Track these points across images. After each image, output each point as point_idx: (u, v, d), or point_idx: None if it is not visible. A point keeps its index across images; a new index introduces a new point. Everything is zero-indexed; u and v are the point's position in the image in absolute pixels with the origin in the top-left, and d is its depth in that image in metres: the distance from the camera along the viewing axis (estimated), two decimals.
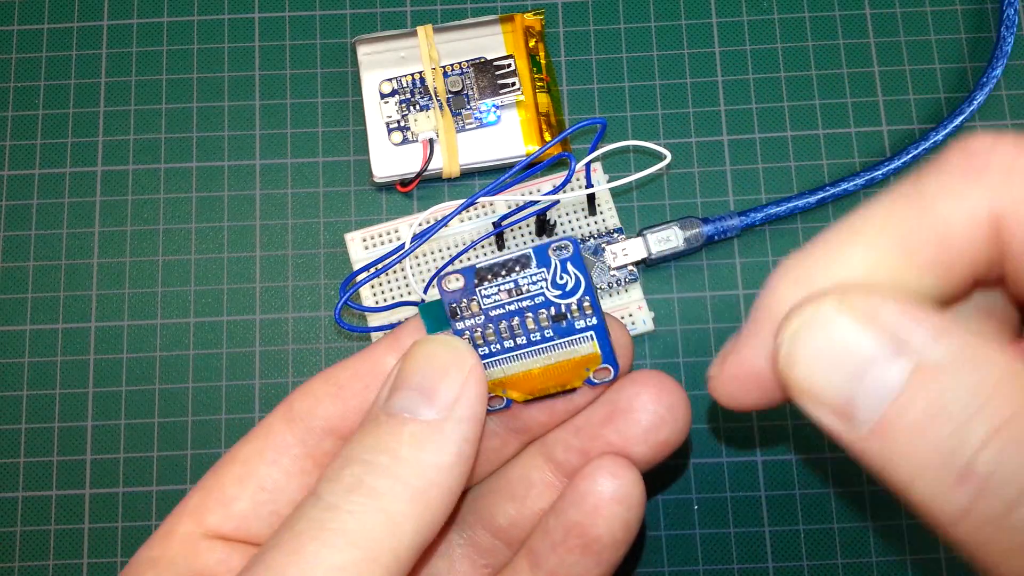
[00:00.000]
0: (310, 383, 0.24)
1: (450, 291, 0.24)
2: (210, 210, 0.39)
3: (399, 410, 0.21)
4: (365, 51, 0.39)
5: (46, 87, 0.40)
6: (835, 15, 0.41)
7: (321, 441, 0.24)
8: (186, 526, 0.23)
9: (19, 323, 0.38)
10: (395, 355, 0.24)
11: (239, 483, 0.23)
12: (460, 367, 0.22)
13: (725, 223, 0.37)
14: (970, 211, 0.17)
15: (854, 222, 0.18)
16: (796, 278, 0.18)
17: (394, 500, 0.20)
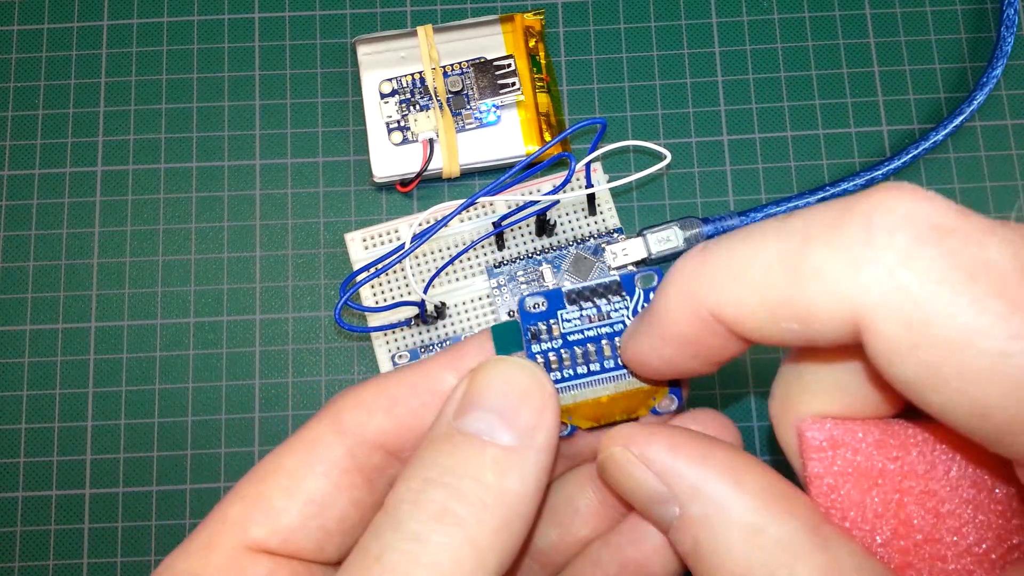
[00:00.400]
0: (360, 393, 0.23)
1: (534, 312, 0.24)
2: (210, 210, 0.39)
3: (475, 431, 0.21)
4: (365, 51, 0.39)
5: (46, 87, 0.40)
6: (835, 15, 0.41)
7: (371, 455, 0.23)
8: (229, 538, 0.22)
9: (19, 323, 0.38)
10: (454, 373, 0.23)
11: (287, 495, 0.22)
12: (540, 393, 0.21)
13: (725, 223, 0.37)
14: (836, 322, 0.17)
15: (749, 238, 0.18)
16: (684, 291, 0.19)
17: (481, 530, 0.19)
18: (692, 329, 0.19)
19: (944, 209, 0.16)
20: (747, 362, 0.37)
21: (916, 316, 0.15)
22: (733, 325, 0.18)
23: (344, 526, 0.23)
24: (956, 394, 0.15)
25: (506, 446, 0.20)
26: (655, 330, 0.20)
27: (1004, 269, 0.15)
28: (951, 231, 0.15)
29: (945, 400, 0.16)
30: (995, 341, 0.15)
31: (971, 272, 0.15)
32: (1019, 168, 0.39)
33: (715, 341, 0.19)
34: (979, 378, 0.15)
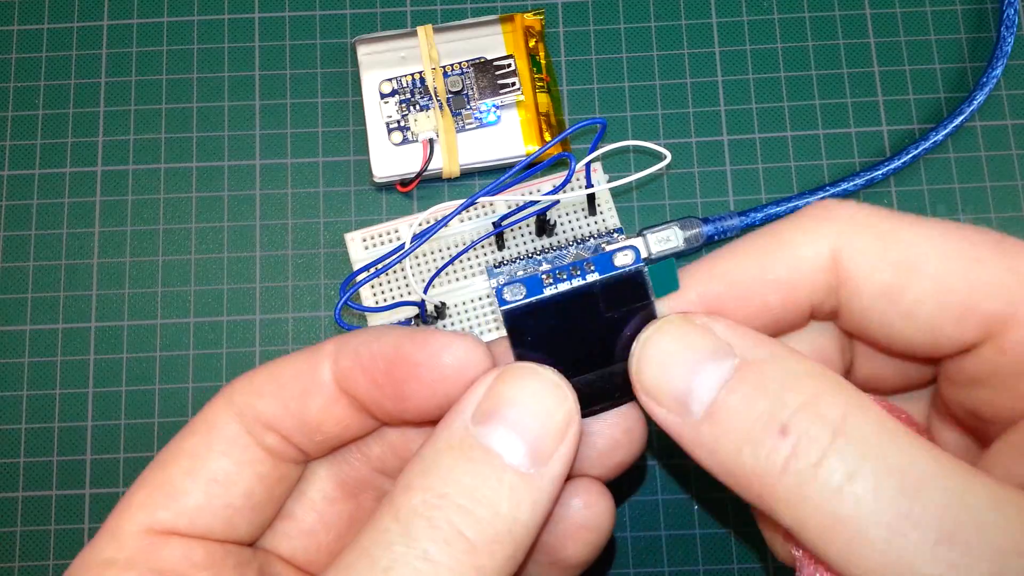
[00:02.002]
0: (252, 376, 0.24)
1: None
2: (210, 210, 0.39)
3: (495, 448, 0.20)
4: (365, 51, 0.39)
5: (46, 87, 0.40)
6: (835, 15, 0.41)
7: (266, 435, 0.23)
8: (135, 524, 0.22)
9: (19, 323, 0.38)
10: (330, 363, 0.23)
11: (189, 476, 0.22)
12: (565, 416, 0.21)
13: (725, 223, 0.37)
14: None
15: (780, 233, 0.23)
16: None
17: (489, 559, 0.19)
18: (816, 265, 0.22)
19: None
20: None
21: (884, 226, 0.21)
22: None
23: (251, 501, 0.23)
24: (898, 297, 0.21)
25: (523, 473, 0.20)
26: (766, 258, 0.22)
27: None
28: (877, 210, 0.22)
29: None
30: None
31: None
32: (1019, 168, 0.39)
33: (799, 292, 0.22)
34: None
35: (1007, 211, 0.39)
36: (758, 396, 0.20)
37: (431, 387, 0.22)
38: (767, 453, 0.19)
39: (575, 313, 0.22)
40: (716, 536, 0.36)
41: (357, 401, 0.23)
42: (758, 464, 0.19)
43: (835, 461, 0.18)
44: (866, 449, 0.18)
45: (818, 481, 0.18)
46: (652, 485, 0.36)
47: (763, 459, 0.19)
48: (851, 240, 0.21)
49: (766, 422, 0.19)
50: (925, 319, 0.21)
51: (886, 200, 0.39)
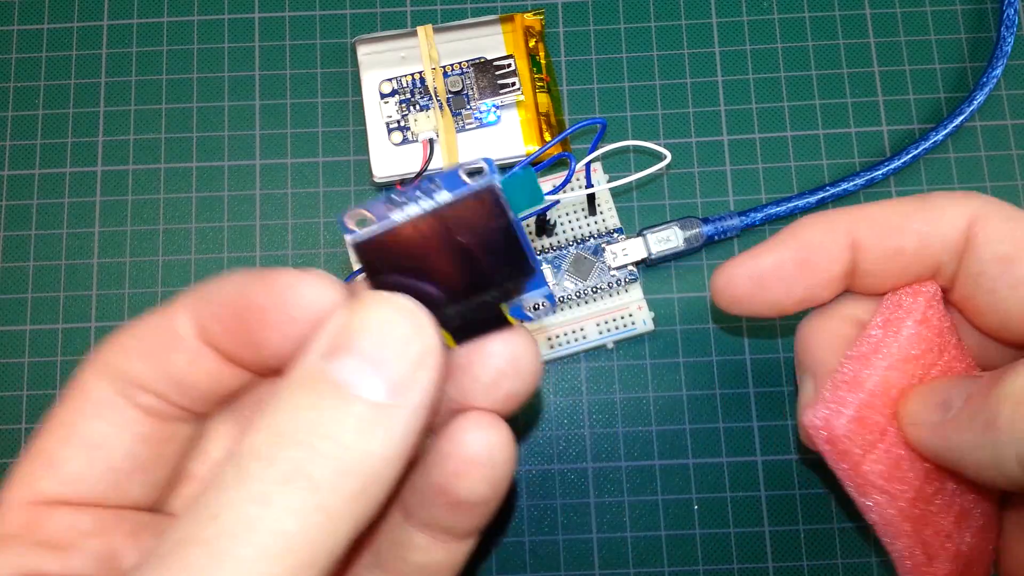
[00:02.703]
0: (119, 336, 0.22)
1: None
2: (210, 210, 0.39)
3: (344, 381, 0.19)
4: (365, 51, 0.39)
5: (46, 87, 0.40)
6: (835, 15, 0.41)
7: (139, 395, 0.22)
8: (18, 498, 0.21)
9: (19, 323, 0.38)
10: (189, 315, 0.21)
11: (65, 444, 0.21)
12: (422, 343, 0.19)
13: (725, 223, 0.37)
14: (958, 212, 0.25)
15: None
16: (821, 227, 0.25)
17: (335, 496, 0.18)
18: (835, 248, 0.25)
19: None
20: (747, 362, 0.37)
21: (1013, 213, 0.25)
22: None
23: (137, 462, 0.22)
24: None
25: (374, 403, 0.19)
26: (788, 244, 0.25)
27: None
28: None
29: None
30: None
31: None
32: (1019, 168, 0.39)
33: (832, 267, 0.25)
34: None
35: None
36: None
37: (281, 331, 0.20)
38: None
39: (429, 238, 0.20)
40: (716, 536, 0.36)
41: (221, 352, 0.21)
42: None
43: None
44: None
45: None
46: (652, 485, 0.37)
47: None
48: (987, 213, 0.24)
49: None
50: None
51: None
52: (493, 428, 0.22)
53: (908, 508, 0.24)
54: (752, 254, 0.26)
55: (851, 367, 0.25)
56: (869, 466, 0.24)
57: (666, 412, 0.37)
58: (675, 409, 0.37)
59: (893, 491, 0.24)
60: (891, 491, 0.24)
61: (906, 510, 0.24)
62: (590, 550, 0.36)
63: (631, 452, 0.37)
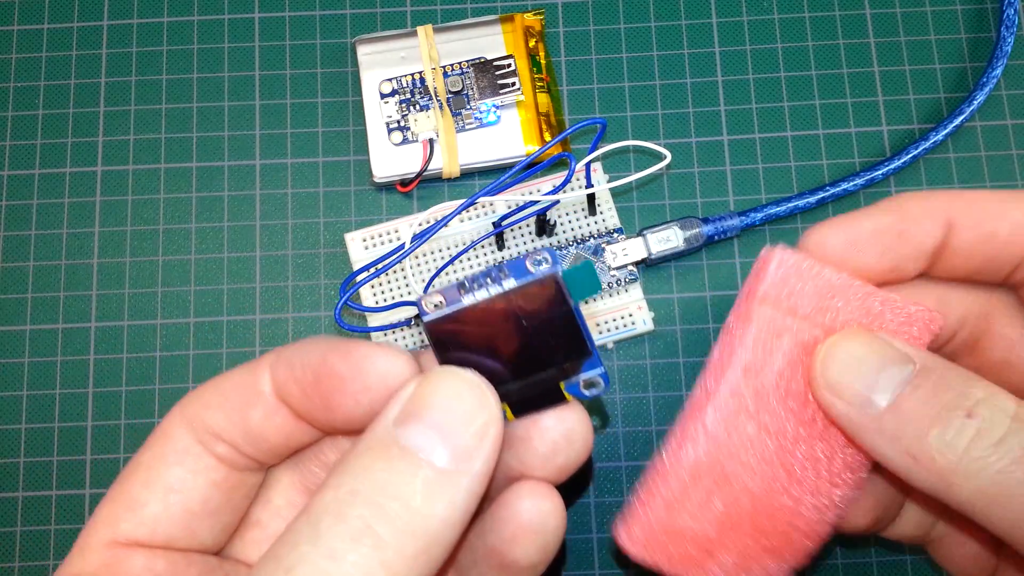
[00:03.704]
0: (203, 389, 0.24)
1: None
2: (210, 210, 0.39)
3: (414, 446, 0.20)
4: (365, 51, 0.39)
5: (46, 87, 0.40)
6: (835, 15, 0.41)
7: (217, 444, 0.24)
8: (99, 538, 0.22)
9: (19, 323, 0.38)
10: (269, 374, 0.23)
11: (146, 487, 0.23)
12: (486, 415, 0.21)
13: (725, 223, 0.37)
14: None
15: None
16: (922, 202, 0.26)
17: (399, 555, 0.19)
18: (931, 225, 0.25)
19: None
20: None
21: None
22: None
23: (209, 507, 0.23)
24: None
25: (440, 469, 0.20)
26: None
27: None
28: None
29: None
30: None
31: None
32: (1019, 168, 0.39)
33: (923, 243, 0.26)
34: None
35: None
36: (942, 390, 0.22)
37: (355, 397, 0.22)
38: (955, 433, 0.22)
39: (495, 321, 0.22)
40: None
41: (294, 411, 0.23)
42: (944, 444, 0.22)
43: (1015, 439, 0.21)
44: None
45: (999, 455, 0.21)
46: None
47: (950, 439, 0.22)
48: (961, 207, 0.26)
49: (952, 408, 0.22)
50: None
51: None
52: (547, 497, 0.24)
53: None
54: (851, 216, 0.26)
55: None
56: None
57: (666, 412, 0.37)
58: (675, 409, 0.37)
59: None
60: None
61: None
62: (590, 550, 0.36)
63: (631, 452, 0.37)
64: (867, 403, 0.23)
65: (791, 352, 0.25)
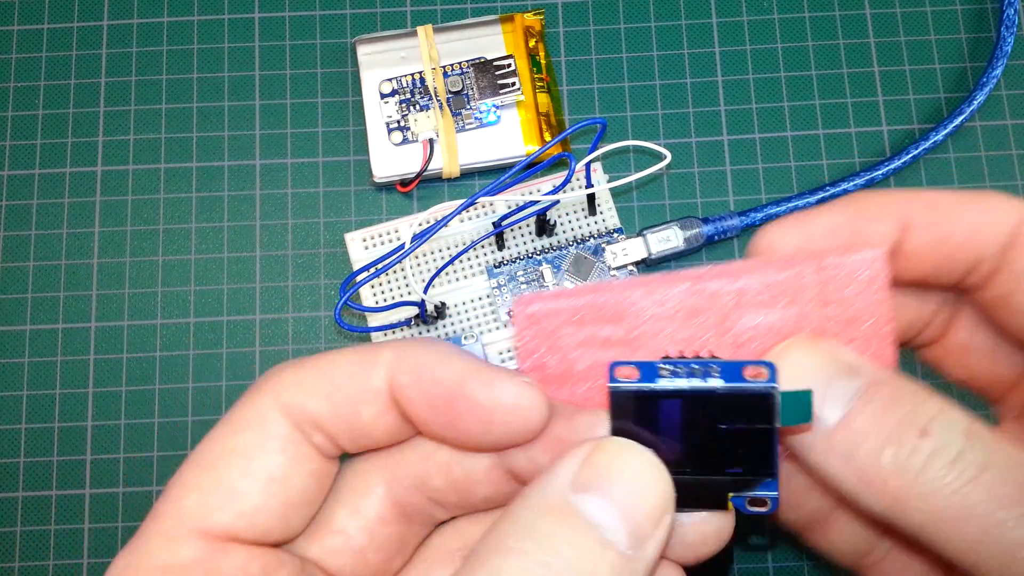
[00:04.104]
0: (300, 373, 0.23)
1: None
2: (210, 210, 0.39)
3: (596, 522, 0.20)
4: (365, 51, 0.39)
5: (46, 87, 0.40)
6: (835, 15, 0.41)
7: (314, 432, 0.23)
8: (189, 527, 0.21)
9: (19, 323, 0.38)
10: (386, 372, 0.23)
11: (247, 475, 0.21)
12: (664, 500, 0.21)
13: (725, 223, 0.37)
14: (1011, 209, 0.25)
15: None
16: (876, 201, 0.25)
17: None
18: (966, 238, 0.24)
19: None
20: None
21: None
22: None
23: (306, 497, 0.23)
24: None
25: (622, 554, 0.20)
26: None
27: None
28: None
29: None
30: None
31: None
32: (1019, 168, 0.39)
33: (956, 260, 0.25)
34: None
35: None
36: (894, 406, 0.21)
37: (488, 427, 0.22)
38: (909, 452, 0.20)
39: (685, 412, 0.22)
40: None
41: (405, 414, 0.23)
42: (898, 463, 0.20)
43: (970, 456, 0.20)
44: (993, 450, 0.20)
45: (955, 475, 0.20)
46: None
47: (905, 458, 0.20)
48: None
49: (906, 426, 0.21)
50: None
51: None
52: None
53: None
54: (805, 215, 0.26)
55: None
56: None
57: None
58: None
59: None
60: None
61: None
62: None
63: None
64: (816, 419, 0.22)
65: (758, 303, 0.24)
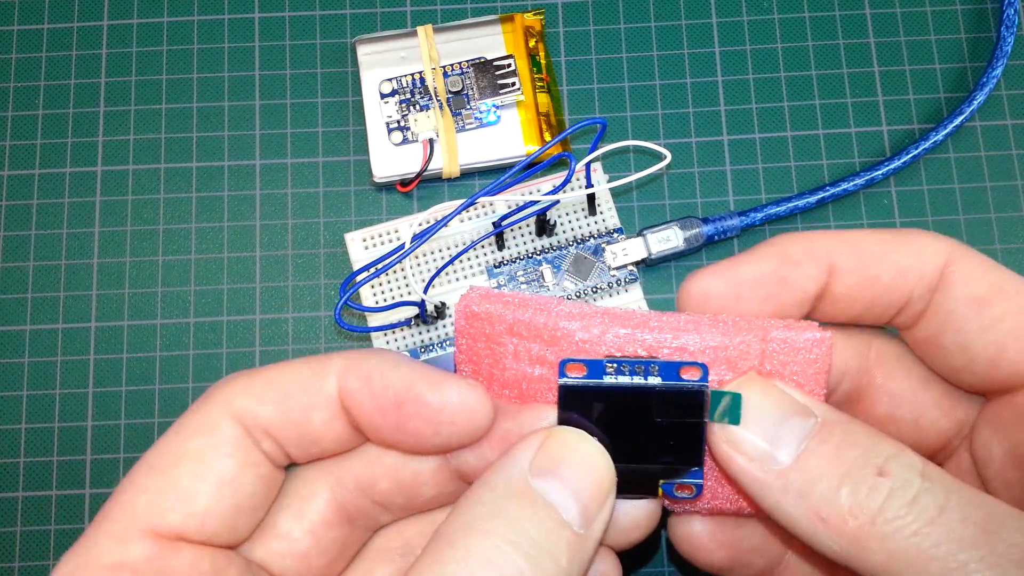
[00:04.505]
0: (251, 381, 0.23)
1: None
2: (210, 210, 0.39)
3: (554, 503, 0.21)
4: (365, 51, 0.39)
5: (46, 87, 0.40)
6: (835, 15, 0.41)
7: (263, 439, 0.23)
8: (140, 527, 0.21)
9: (19, 323, 0.38)
10: (336, 379, 0.23)
11: (198, 478, 0.22)
12: (609, 484, 0.22)
13: (725, 223, 0.37)
14: (936, 249, 0.25)
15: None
16: (802, 245, 0.25)
17: None
18: (814, 270, 0.25)
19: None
20: None
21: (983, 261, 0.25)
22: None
23: (254, 502, 0.23)
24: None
25: (576, 532, 0.21)
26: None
27: None
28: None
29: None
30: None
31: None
32: (1019, 168, 0.39)
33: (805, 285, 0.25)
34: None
35: (1007, 211, 0.39)
36: (849, 445, 0.21)
37: (436, 428, 0.23)
38: (867, 492, 0.20)
39: (626, 406, 0.23)
40: None
41: (354, 420, 0.23)
42: (856, 502, 0.20)
43: (928, 497, 0.20)
44: (950, 490, 0.20)
45: (914, 515, 0.20)
46: None
47: (863, 497, 0.20)
48: (963, 255, 0.25)
49: (863, 464, 0.21)
50: (997, 335, 0.24)
51: (886, 200, 0.39)
52: (616, 567, 0.25)
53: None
54: (732, 262, 0.26)
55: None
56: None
57: None
58: None
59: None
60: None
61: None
62: None
63: None
64: (769, 458, 0.22)
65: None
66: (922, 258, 0.25)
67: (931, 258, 0.25)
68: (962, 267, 0.24)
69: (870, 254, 0.25)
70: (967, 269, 0.24)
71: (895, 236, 0.25)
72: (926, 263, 0.25)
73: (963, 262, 0.24)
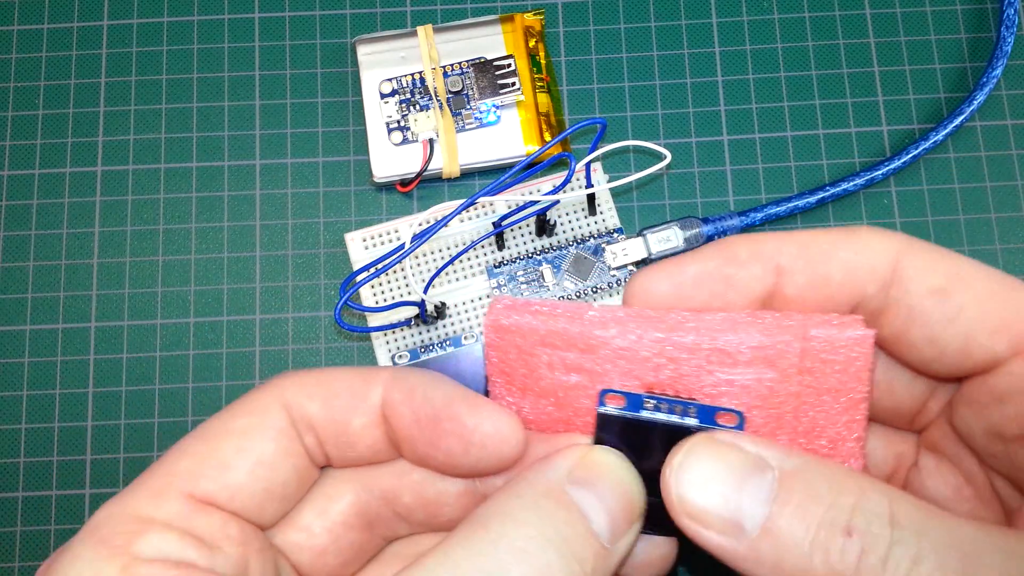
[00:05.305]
0: (304, 378, 0.25)
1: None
2: (210, 210, 0.39)
3: (586, 511, 0.22)
4: (365, 51, 0.39)
5: (46, 87, 0.40)
6: (835, 15, 0.41)
7: (307, 433, 0.24)
8: (178, 488, 0.22)
9: (19, 323, 0.38)
10: (382, 389, 0.24)
11: (238, 453, 0.23)
12: (639, 506, 0.23)
13: (725, 223, 0.37)
14: (885, 246, 0.24)
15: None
16: (747, 246, 0.25)
17: None
18: (760, 271, 0.24)
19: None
20: None
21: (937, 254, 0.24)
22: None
23: (286, 491, 0.24)
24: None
25: (603, 546, 0.22)
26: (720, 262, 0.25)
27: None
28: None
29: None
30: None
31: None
32: (1019, 168, 0.39)
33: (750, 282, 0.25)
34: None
35: (1007, 211, 0.39)
36: (812, 504, 0.21)
37: (467, 449, 0.23)
38: (839, 555, 0.20)
39: (659, 442, 0.23)
40: None
41: (393, 432, 0.24)
42: (831, 568, 0.20)
43: (900, 550, 0.20)
44: (921, 533, 0.20)
45: (889, 573, 0.19)
46: None
47: (836, 562, 0.20)
48: (912, 247, 0.24)
49: (829, 526, 0.20)
50: (964, 324, 0.23)
51: (886, 200, 0.39)
52: None
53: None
54: (676, 261, 0.25)
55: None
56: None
57: None
58: None
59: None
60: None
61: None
62: None
63: None
64: (738, 530, 0.21)
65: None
66: (871, 255, 0.24)
67: (880, 255, 0.24)
68: (915, 261, 0.24)
69: (817, 253, 0.25)
70: (921, 262, 0.24)
71: (843, 234, 0.25)
72: (876, 259, 0.24)
73: (915, 255, 0.24)
